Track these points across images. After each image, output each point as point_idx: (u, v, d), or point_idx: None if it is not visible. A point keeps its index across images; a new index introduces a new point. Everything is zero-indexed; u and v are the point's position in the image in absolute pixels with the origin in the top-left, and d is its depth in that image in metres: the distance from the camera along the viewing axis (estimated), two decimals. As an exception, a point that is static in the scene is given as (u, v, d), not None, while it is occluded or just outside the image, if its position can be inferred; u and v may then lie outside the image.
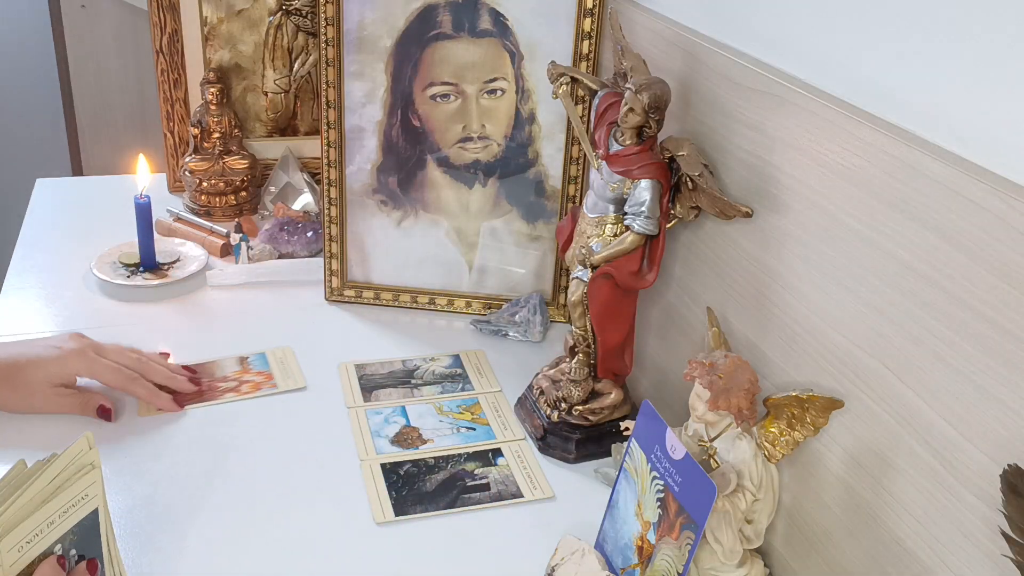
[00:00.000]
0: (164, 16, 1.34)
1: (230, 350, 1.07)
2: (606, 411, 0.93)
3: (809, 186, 0.70)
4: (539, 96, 1.09)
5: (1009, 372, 0.53)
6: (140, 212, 1.18)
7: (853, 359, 0.66)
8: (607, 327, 0.90)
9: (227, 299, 1.19)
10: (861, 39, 0.66)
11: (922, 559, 0.61)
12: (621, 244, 0.85)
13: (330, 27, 1.08)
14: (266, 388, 1.00)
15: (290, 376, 1.02)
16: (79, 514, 0.62)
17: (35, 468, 0.60)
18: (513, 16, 1.06)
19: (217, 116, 1.37)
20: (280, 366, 1.04)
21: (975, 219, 0.54)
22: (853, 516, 0.67)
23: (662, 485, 0.70)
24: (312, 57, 1.42)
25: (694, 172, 0.81)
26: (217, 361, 1.05)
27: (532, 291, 1.16)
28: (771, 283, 0.76)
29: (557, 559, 0.75)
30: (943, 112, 0.58)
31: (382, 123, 1.12)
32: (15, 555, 0.57)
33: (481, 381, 1.05)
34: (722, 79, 0.81)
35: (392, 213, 1.15)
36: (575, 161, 1.10)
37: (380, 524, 0.83)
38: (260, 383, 1.01)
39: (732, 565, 0.72)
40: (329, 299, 1.19)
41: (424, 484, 0.88)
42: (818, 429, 0.69)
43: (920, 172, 0.58)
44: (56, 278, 1.21)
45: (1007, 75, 0.53)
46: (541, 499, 0.87)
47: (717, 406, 0.70)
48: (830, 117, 0.67)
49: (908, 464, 0.61)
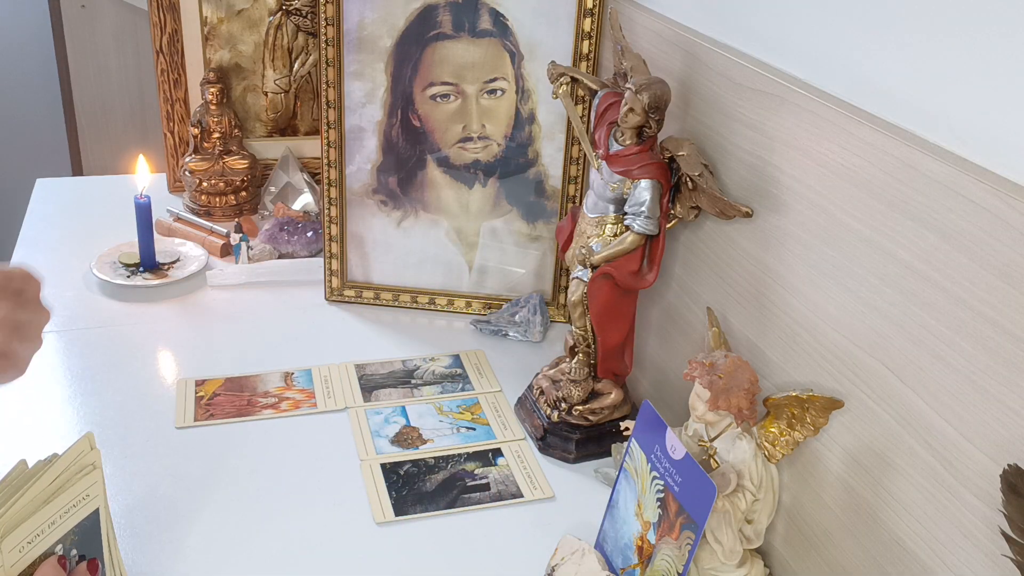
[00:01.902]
0: (164, 16, 1.34)
1: (230, 350, 1.07)
2: (606, 411, 0.93)
3: (809, 186, 0.70)
4: (539, 96, 1.09)
5: (1009, 372, 0.53)
6: (140, 212, 1.18)
7: (853, 359, 0.66)
8: (607, 327, 0.90)
9: (227, 299, 1.19)
10: (861, 39, 0.66)
11: (922, 559, 0.61)
12: (621, 244, 0.85)
13: (330, 27, 1.08)
14: (305, 407, 0.98)
15: (331, 396, 1.01)
16: (80, 514, 0.62)
17: (36, 468, 0.60)
18: (513, 16, 1.06)
19: (217, 116, 1.37)
20: (324, 385, 1.02)
21: (975, 219, 0.54)
22: (853, 516, 0.67)
23: (662, 485, 0.70)
24: (312, 57, 1.42)
25: (694, 172, 0.81)
26: (260, 375, 1.03)
27: (532, 291, 1.16)
28: (771, 283, 0.76)
29: (557, 559, 0.75)
30: (943, 112, 0.58)
31: (382, 123, 1.12)
32: (16, 555, 0.57)
33: (481, 381, 1.05)
34: (722, 79, 0.81)
35: (392, 213, 1.15)
36: (575, 161, 1.10)
37: (380, 524, 0.83)
38: (301, 401, 0.99)
39: (732, 565, 0.72)
40: (329, 299, 1.19)
41: (424, 484, 0.88)
42: (818, 429, 0.69)
43: (920, 172, 0.58)
44: (56, 278, 1.21)
45: (1007, 75, 0.53)
46: (541, 499, 0.87)
47: (717, 406, 0.70)
48: (830, 117, 0.67)
49: (908, 464, 0.61)
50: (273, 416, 0.96)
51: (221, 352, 1.07)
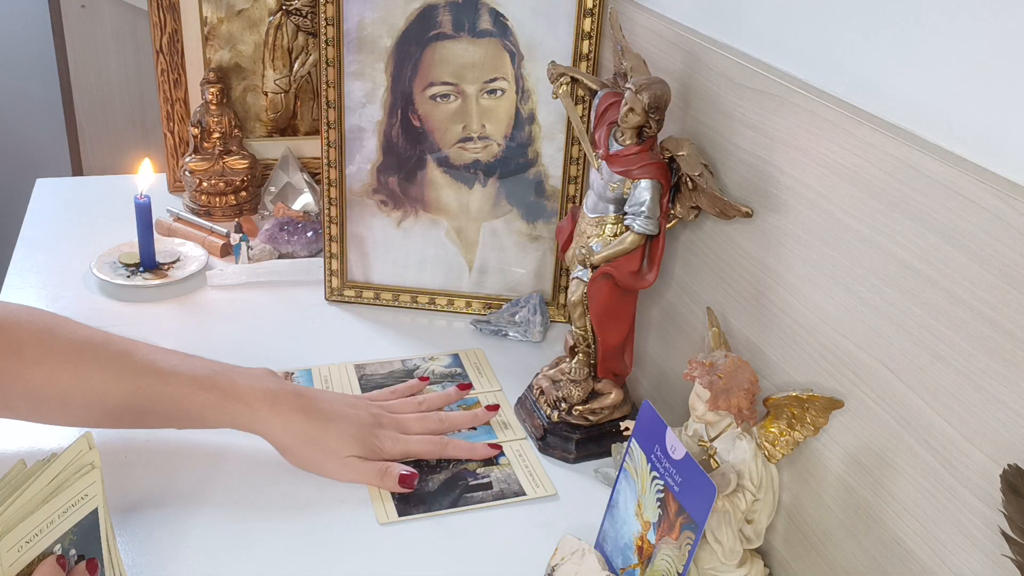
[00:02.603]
0: (164, 16, 1.34)
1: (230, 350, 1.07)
2: (606, 411, 0.93)
3: (809, 186, 0.70)
4: (539, 96, 1.09)
5: (1009, 372, 0.53)
6: (140, 212, 1.18)
7: (853, 359, 0.66)
8: (607, 327, 0.90)
9: (227, 299, 1.19)
10: (861, 39, 0.65)
11: (922, 559, 0.60)
12: (621, 244, 0.85)
13: (330, 27, 1.08)
14: None
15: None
16: (79, 514, 0.62)
17: (35, 468, 0.60)
18: (513, 16, 1.06)
19: (217, 116, 1.37)
20: (324, 385, 1.02)
21: (975, 219, 0.54)
22: (853, 516, 0.67)
23: (662, 485, 0.70)
24: (312, 57, 1.42)
25: (694, 172, 0.81)
26: None
27: (532, 291, 1.16)
28: (771, 283, 0.76)
29: (557, 559, 0.75)
30: (943, 112, 0.58)
31: (382, 123, 1.12)
32: (14, 555, 0.57)
33: (481, 380, 1.05)
34: (722, 79, 0.81)
35: (392, 213, 1.15)
36: (575, 161, 1.10)
37: (383, 524, 0.83)
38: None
39: (732, 565, 0.72)
40: (329, 299, 1.19)
41: (426, 484, 0.88)
42: (818, 429, 0.69)
43: (920, 172, 0.58)
44: (56, 278, 1.21)
45: (1007, 75, 0.53)
46: (544, 497, 0.87)
47: (717, 406, 0.70)
48: (830, 117, 0.67)
49: (908, 464, 0.61)
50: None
51: (221, 352, 1.06)
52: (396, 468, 0.87)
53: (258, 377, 0.89)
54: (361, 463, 0.87)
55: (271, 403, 0.86)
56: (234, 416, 0.85)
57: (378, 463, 0.87)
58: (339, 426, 0.87)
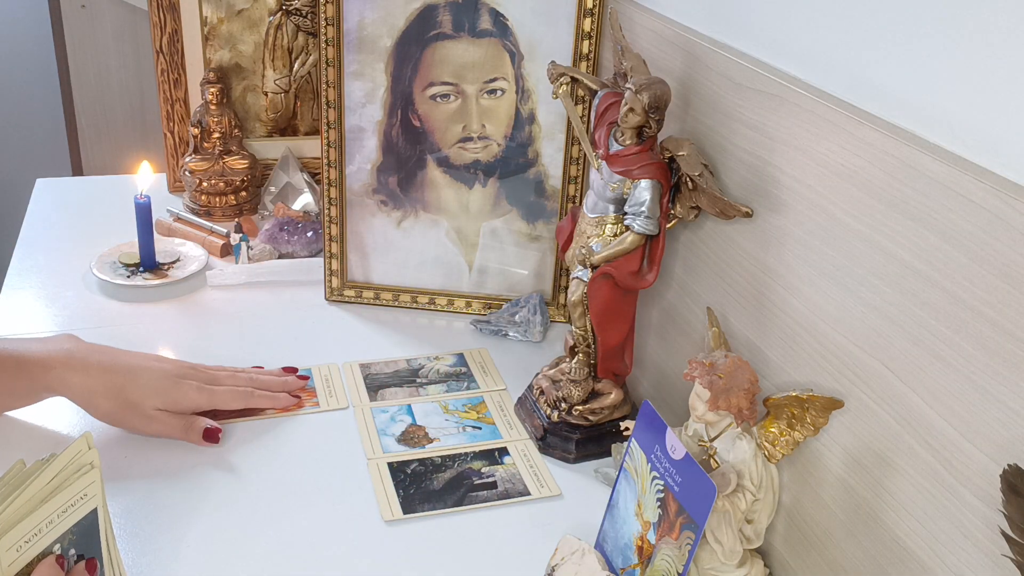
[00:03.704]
0: (164, 16, 1.34)
1: (230, 350, 1.07)
2: (606, 411, 0.93)
3: (809, 186, 0.70)
4: (539, 96, 1.09)
5: (1009, 372, 0.53)
6: (140, 212, 1.18)
7: (853, 359, 0.66)
8: (607, 327, 0.90)
9: (227, 299, 1.19)
10: (861, 39, 0.65)
11: (922, 559, 0.60)
12: (621, 244, 0.85)
13: (330, 27, 1.08)
14: (309, 407, 0.98)
15: (333, 395, 1.00)
16: (78, 514, 0.62)
17: (34, 468, 0.60)
18: (513, 16, 1.06)
19: (217, 116, 1.37)
20: (325, 384, 1.02)
21: (975, 219, 0.54)
22: (853, 516, 0.67)
23: (662, 485, 0.70)
24: (312, 57, 1.42)
25: (694, 172, 0.81)
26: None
27: (532, 291, 1.16)
28: (771, 283, 0.76)
29: (557, 559, 0.75)
30: (943, 112, 0.58)
31: (382, 123, 1.12)
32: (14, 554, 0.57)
33: (486, 380, 1.05)
34: (722, 79, 0.81)
35: (392, 213, 1.15)
36: (575, 161, 1.10)
37: (388, 522, 0.83)
38: (303, 401, 0.99)
39: (732, 565, 0.72)
40: (329, 299, 1.19)
41: (431, 482, 0.88)
42: (818, 429, 0.69)
43: (920, 172, 0.58)
44: (56, 278, 1.21)
45: (1007, 75, 0.53)
46: (549, 497, 0.87)
47: (717, 406, 0.70)
48: (830, 117, 0.67)
49: (908, 464, 0.61)
50: (275, 415, 0.96)
51: (221, 352, 1.07)
52: (201, 421, 0.88)
53: (55, 341, 0.89)
54: (166, 416, 0.88)
55: (66, 359, 0.85)
56: (32, 379, 0.85)
57: (184, 416, 0.88)
58: (140, 377, 0.87)
